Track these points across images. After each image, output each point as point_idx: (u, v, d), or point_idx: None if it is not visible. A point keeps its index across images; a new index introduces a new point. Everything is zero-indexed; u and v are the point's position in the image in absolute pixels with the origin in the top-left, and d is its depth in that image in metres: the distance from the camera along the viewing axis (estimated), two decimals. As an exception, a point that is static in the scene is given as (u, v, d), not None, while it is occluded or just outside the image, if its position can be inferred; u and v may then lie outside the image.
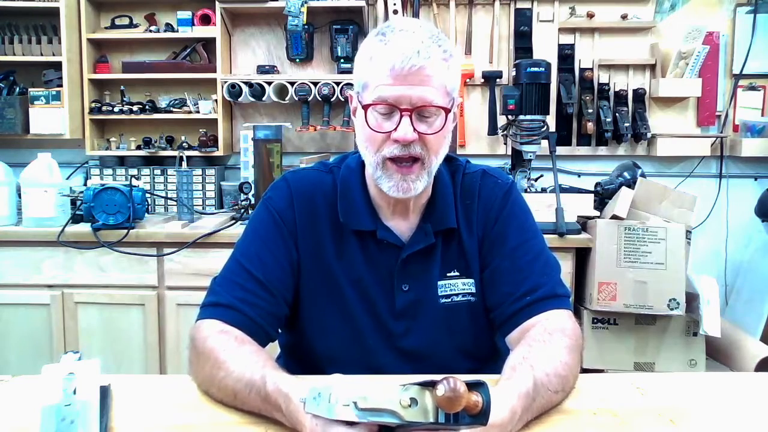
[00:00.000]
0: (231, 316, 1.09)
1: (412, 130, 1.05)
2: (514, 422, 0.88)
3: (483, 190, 1.21)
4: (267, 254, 1.15)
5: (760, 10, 2.95)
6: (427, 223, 1.17)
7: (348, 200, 1.18)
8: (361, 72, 1.11)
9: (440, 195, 1.19)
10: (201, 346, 1.05)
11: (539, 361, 0.99)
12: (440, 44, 1.07)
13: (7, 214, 2.55)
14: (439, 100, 1.07)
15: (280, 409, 0.89)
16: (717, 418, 0.97)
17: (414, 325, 1.17)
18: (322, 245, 1.17)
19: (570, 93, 2.90)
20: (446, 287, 1.18)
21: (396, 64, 1.03)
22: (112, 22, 3.03)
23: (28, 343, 2.50)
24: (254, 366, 0.96)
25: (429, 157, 1.09)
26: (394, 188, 1.10)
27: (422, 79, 1.04)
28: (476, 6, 2.99)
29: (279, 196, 1.20)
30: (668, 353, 2.44)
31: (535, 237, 1.21)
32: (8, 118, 2.86)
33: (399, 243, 1.17)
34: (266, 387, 0.92)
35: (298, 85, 2.84)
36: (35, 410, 0.83)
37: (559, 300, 1.14)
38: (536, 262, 1.17)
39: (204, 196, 2.96)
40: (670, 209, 2.46)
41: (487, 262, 1.18)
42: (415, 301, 1.17)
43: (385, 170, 1.10)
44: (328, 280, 1.17)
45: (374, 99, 1.07)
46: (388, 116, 1.07)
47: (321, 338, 1.19)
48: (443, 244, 1.19)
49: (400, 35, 1.05)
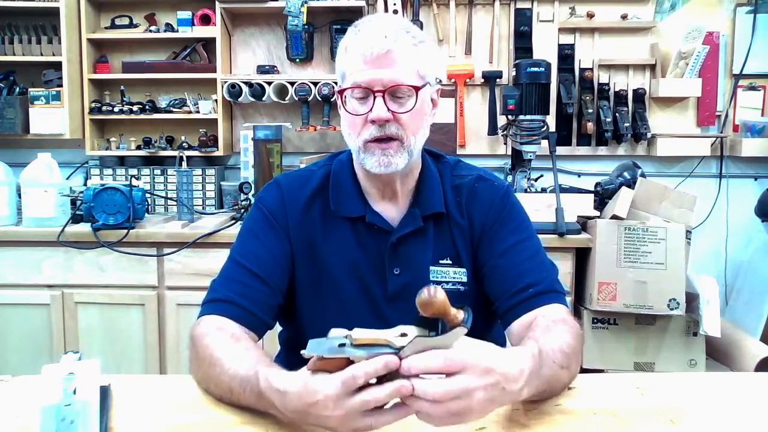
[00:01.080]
0: (228, 309, 1.13)
1: (386, 110, 1.11)
2: (523, 378, 0.85)
3: (480, 192, 1.25)
4: (260, 248, 1.19)
5: (760, 10, 2.95)
6: (415, 208, 1.22)
7: (339, 189, 1.23)
8: (339, 64, 1.17)
9: (427, 181, 1.24)
10: (198, 344, 1.07)
11: (543, 338, 1.01)
12: (409, 31, 1.14)
13: (7, 214, 2.56)
14: (411, 81, 1.12)
15: (274, 406, 0.89)
16: (717, 418, 0.97)
17: (407, 308, 1.15)
18: (314, 236, 1.21)
19: (570, 93, 2.90)
20: (438, 273, 1.21)
21: (366, 50, 1.10)
22: (112, 22, 3.03)
23: (28, 343, 2.50)
24: (248, 363, 0.97)
25: (407, 136, 1.14)
26: (376, 163, 1.14)
27: (391, 61, 1.10)
28: (476, 6, 2.99)
29: (270, 195, 1.25)
30: (668, 353, 2.44)
31: (534, 237, 1.25)
32: (8, 118, 2.86)
33: (388, 227, 1.21)
34: (259, 385, 0.91)
35: (298, 85, 2.84)
36: (35, 410, 0.83)
37: (558, 295, 1.18)
38: (535, 260, 1.21)
39: (204, 196, 2.96)
40: (670, 209, 2.46)
41: (486, 260, 1.21)
42: (407, 285, 1.18)
43: (367, 151, 1.15)
44: (323, 269, 1.21)
45: (350, 85, 1.13)
46: (363, 100, 1.13)
47: (318, 328, 1.18)
48: (434, 230, 1.22)
49: (369, 25, 1.13)
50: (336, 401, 0.79)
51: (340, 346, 0.80)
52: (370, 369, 0.78)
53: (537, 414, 0.96)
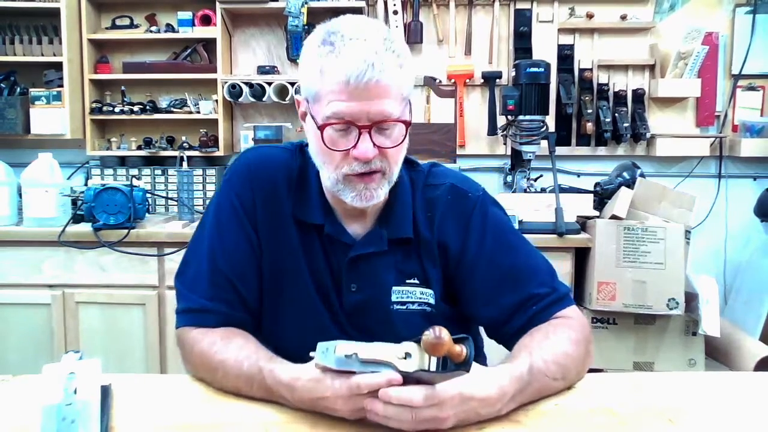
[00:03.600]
0: (208, 319, 1.09)
1: (372, 146, 1.00)
2: (503, 402, 0.91)
3: (454, 206, 1.16)
4: (231, 244, 1.12)
5: (759, 11, 2.95)
6: (382, 229, 1.13)
7: (302, 191, 1.14)
8: (310, 82, 1.02)
9: (399, 202, 1.14)
10: (190, 354, 1.07)
11: (539, 348, 1.01)
12: (394, 49, 1.00)
13: (8, 214, 2.56)
14: (398, 112, 1.01)
15: (283, 397, 0.94)
16: (716, 418, 0.97)
17: (365, 326, 1.13)
18: (284, 233, 1.13)
19: (569, 93, 2.90)
20: (403, 293, 1.13)
21: (351, 79, 0.96)
22: (113, 23, 3.03)
23: (29, 343, 2.50)
24: (248, 359, 0.99)
25: (390, 168, 1.05)
26: (357, 198, 1.05)
27: (379, 92, 0.98)
28: (476, 6, 2.99)
29: (239, 179, 1.16)
30: (667, 353, 2.44)
31: (523, 248, 1.18)
32: (9, 118, 2.86)
33: (349, 241, 1.13)
34: (266, 381, 0.95)
35: (298, 86, 2.85)
36: (36, 410, 0.83)
37: (563, 302, 1.13)
38: (534, 276, 1.14)
39: (204, 196, 2.96)
40: (669, 209, 2.47)
41: (480, 284, 1.14)
42: (363, 302, 1.13)
43: (347, 184, 1.05)
44: (290, 270, 1.13)
45: (329, 115, 0.99)
46: (344, 132, 1.01)
47: (284, 330, 1.16)
48: (401, 252, 1.14)
49: (350, 46, 0.97)
50: (344, 400, 0.86)
51: (347, 357, 0.85)
52: (374, 382, 0.84)
53: (536, 413, 0.96)
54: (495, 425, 0.92)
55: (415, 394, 0.83)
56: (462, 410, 0.87)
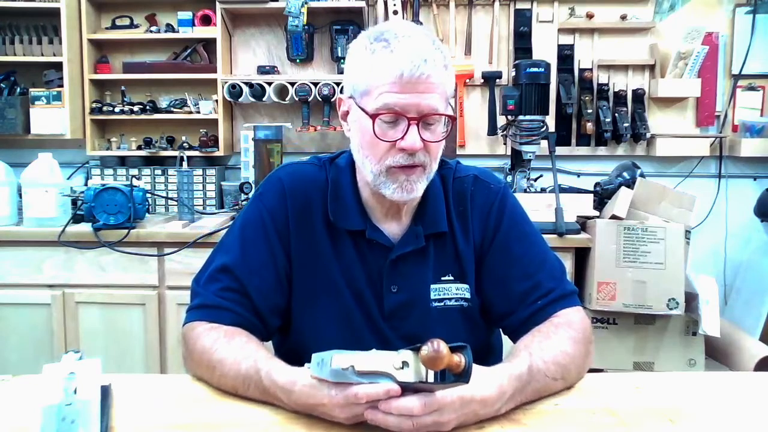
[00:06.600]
0: (219, 315, 1.10)
1: (420, 139, 1.04)
2: (502, 401, 0.92)
3: (476, 197, 1.20)
4: (253, 259, 1.14)
5: (759, 11, 2.95)
6: (418, 226, 1.17)
7: (338, 200, 1.17)
8: (360, 77, 1.07)
9: (432, 198, 1.18)
10: (191, 351, 1.08)
11: (539, 348, 1.03)
12: (441, 50, 1.07)
13: (8, 214, 2.56)
14: (444, 108, 1.06)
15: (281, 401, 0.94)
16: (716, 418, 0.97)
17: (404, 327, 1.16)
18: (317, 244, 1.16)
19: (569, 93, 2.90)
20: (440, 291, 1.17)
21: (405, 72, 1.01)
22: (113, 23, 3.03)
23: (29, 343, 2.50)
24: (247, 359, 0.99)
25: (431, 163, 1.10)
26: (398, 189, 1.08)
27: (428, 87, 1.03)
28: (476, 6, 2.99)
29: (272, 194, 1.18)
30: (667, 353, 2.44)
31: (537, 241, 1.22)
32: (9, 118, 2.86)
33: (389, 243, 1.16)
34: (263, 382, 0.95)
35: (298, 86, 2.85)
36: (36, 410, 0.83)
37: (568, 299, 1.16)
38: (543, 267, 1.18)
39: (204, 196, 2.96)
40: (669, 209, 2.47)
41: (491, 270, 1.18)
42: (405, 303, 1.16)
43: (389, 176, 1.08)
44: (324, 280, 1.16)
45: (380, 107, 1.04)
46: (393, 124, 1.05)
47: (317, 340, 1.15)
48: (436, 248, 1.17)
49: (405, 42, 1.04)
50: (342, 408, 0.87)
51: (343, 369, 0.83)
52: (372, 393, 0.83)
53: (536, 413, 0.97)
54: (495, 425, 0.92)
55: (415, 403, 0.84)
56: (463, 413, 0.88)
